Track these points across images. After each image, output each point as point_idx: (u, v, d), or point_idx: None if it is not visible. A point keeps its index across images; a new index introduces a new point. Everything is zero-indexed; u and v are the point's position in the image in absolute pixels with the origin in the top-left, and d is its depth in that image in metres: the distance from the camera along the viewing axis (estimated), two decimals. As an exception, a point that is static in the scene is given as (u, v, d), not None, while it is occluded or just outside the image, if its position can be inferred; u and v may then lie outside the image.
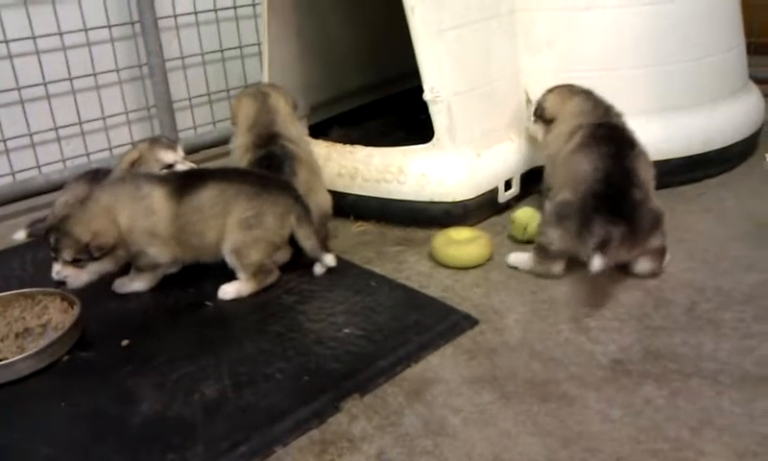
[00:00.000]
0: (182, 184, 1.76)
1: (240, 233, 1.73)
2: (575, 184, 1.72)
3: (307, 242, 1.79)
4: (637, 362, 1.43)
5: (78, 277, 1.69)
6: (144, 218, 1.72)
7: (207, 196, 1.74)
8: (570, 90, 1.96)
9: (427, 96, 1.98)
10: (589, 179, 1.70)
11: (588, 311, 1.62)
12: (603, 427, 1.26)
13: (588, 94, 1.94)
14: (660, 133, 2.14)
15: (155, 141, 2.04)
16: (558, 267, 1.76)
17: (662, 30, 2.17)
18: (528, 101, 2.19)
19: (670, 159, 2.16)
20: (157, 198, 1.73)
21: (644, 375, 1.39)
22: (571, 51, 2.19)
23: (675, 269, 1.75)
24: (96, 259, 1.68)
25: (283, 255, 1.84)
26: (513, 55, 2.21)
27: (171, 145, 2.03)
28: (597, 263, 1.54)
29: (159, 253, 1.75)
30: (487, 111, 2.11)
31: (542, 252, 1.76)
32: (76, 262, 1.67)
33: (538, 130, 2.02)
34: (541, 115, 1.98)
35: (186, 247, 1.77)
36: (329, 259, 1.80)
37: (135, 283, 1.81)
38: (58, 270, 1.68)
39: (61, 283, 1.69)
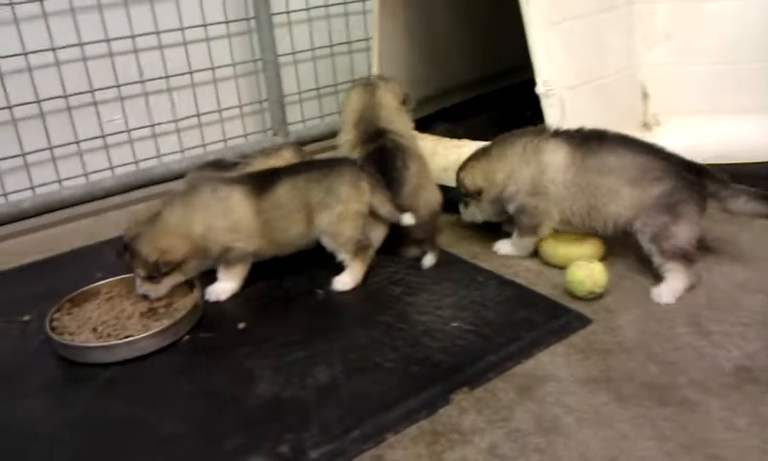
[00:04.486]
0: (259, 183, 1.79)
1: (324, 215, 1.77)
2: (650, 178, 1.67)
3: (383, 208, 1.81)
4: (765, 370, 1.35)
5: (156, 291, 1.70)
6: (223, 218, 1.73)
7: (283, 192, 1.77)
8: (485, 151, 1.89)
9: (540, 89, 1.95)
10: (656, 163, 1.67)
11: (708, 315, 1.55)
12: (727, 436, 1.20)
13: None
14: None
15: (299, 150, 2.13)
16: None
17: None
18: (645, 95, 2.12)
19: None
20: (236, 198, 1.75)
21: (772, 384, 1.32)
22: (690, 44, 2.11)
23: (805, 274, 1.65)
24: (168, 274, 1.69)
25: (377, 234, 1.85)
26: (629, 48, 2.14)
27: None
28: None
29: (245, 245, 1.77)
30: (600, 106, 2.05)
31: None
32: (152, 278, 1.69)
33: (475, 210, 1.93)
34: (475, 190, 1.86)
35: (272, 242, 1.79)
36: (407, 218, 1.80)
37: (226, 284, 1.80)
38: (138, 285, 1.71)
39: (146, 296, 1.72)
